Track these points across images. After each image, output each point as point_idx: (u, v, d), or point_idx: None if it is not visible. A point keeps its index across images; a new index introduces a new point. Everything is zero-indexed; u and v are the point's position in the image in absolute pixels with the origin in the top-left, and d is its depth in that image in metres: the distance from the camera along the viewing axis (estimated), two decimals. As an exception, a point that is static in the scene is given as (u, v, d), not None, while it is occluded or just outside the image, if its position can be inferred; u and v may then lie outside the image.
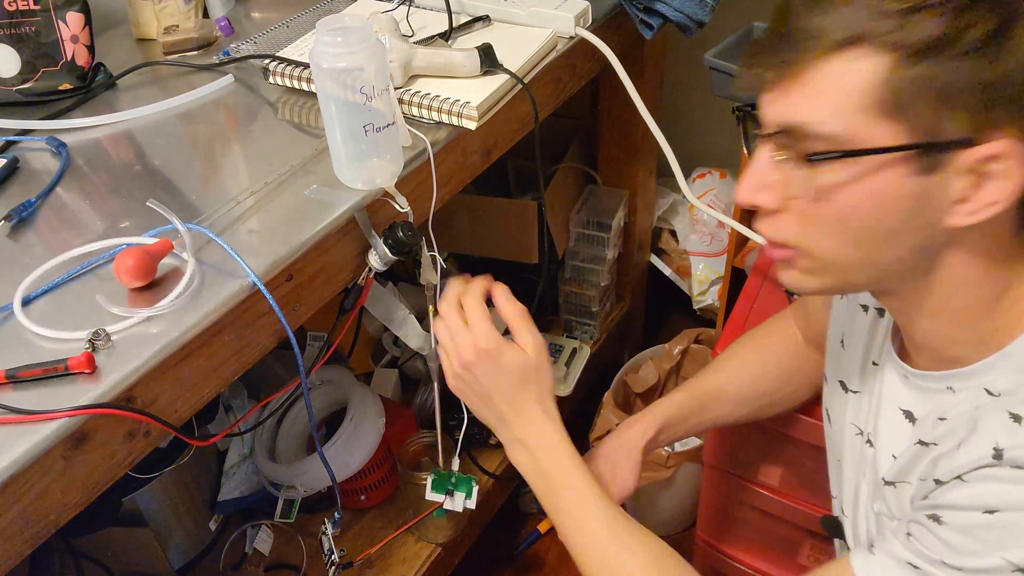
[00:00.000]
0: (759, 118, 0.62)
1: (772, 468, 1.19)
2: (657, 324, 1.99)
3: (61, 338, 0.69)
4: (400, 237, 0.86)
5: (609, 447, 0.97)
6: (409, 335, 1.04)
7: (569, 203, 1.60)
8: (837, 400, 0.85)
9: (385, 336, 1.59)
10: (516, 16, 1.11)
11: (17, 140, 0.98)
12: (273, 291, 0.76)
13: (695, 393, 1.01)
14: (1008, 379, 0.62)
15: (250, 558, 1.31)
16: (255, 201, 0.85)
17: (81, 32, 1.04)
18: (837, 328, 0.86)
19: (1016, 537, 0.56)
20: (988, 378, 0.63)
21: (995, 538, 0.57)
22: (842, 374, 0.84)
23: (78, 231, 0.83)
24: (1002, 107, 0.54)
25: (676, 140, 1.19)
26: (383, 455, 1.31)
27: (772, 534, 1.27)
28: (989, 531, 0.57)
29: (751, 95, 0.63)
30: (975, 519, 0.58)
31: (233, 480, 1.29)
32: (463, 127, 0.95)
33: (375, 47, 0.78)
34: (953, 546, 0.59)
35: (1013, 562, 0.56)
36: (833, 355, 0.87)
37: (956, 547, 0.59)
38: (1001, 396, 0.62)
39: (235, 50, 1.10)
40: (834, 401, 0.86)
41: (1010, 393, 0.61)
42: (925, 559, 0.61)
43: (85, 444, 0.65)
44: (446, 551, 1.31)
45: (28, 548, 0.64)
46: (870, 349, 0.80)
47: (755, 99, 0.63)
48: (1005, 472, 0.57)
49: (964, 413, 0.63)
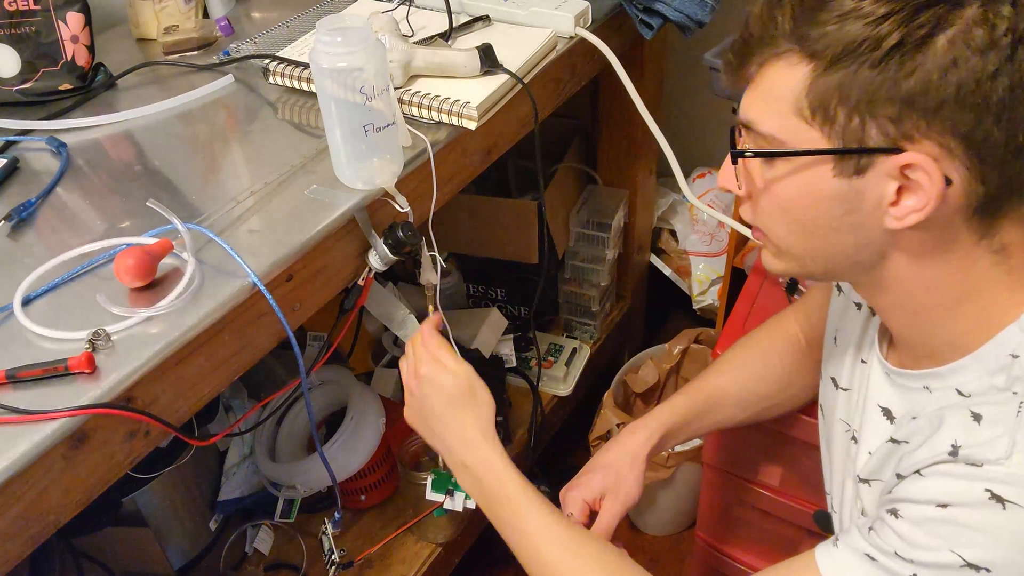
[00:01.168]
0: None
1: (772, 468, 1.19)
2: (657, 324, 1.99)
3: (61, 338, 0.69)
4: (400, 237, 0.86)
5: (613, 457, 0.97)
6: (409, 335, 1.04)
7: (569, 203, 1.60)
8: (829, 396, 0.86)
9: (385, 336, 1.59)
10: (516, 16, 1.11)
11: (17, 140, 0.98)
12: (273, 291, 0.76)
13: (697, 397, 1.01)
14: (979, 382, 0.63)
15: (250, 558, 1.31)
16: (255, 201, 0.85)
17: (81, 32, 1.04)
18: (832, 325, 0.88)
19: (967, 534, 0.57)
20: (960, 379, 0.65)
21: (947, 533, 0.58)
22: (833, 370, 0.85)
23: (78, 231, 0.83)
24: (918, 118, 0.56)
25: (676, 140, 1.19)
26: (383, 455, 1.31)
27: (772, 533, 1.27)
28: (941, 525, 0.59)
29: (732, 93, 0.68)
30: (927, 512, 0.59)
31: (233, 480, 1.29)
32: (463, 127, 0.95)
33: (375, 47, 0.78)
34: (907, 538, 0.61)
35: (964, 558, 0.57)
36: (827, 351, 0.88)
37: (909, 540, 0.60)
38: (970, 397, 0.63)
39: (235, 50, 1.10)
40: (827, 397, 0.87)
41: (978, 395, 0.63)
42: (881, 551, 0.62)
43: (85, 444, 0.65)
44: (446, 551, 1.31)
45: (28, 548, 0.64)
46: (860, 347, 0.81)
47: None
48: (959, 468, 0.59)
49: (932, 412, 0.65)
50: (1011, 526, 0.56)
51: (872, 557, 0.63)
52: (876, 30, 0.55)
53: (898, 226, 0.60)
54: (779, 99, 0.60)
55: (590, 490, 0.94)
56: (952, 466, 0.59)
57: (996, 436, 0.58)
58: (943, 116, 0.55)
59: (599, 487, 0.94)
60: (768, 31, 0.60)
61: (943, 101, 0.55)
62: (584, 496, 0.94)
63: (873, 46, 0.55)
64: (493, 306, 1.64)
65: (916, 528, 0.60)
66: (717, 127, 1.84)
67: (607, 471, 0.95)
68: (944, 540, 0.58)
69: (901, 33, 0.54)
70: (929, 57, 0.54)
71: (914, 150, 0.57)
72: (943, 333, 0.66)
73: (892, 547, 0.61)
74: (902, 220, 0.59)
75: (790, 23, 0.59)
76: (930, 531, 0.59)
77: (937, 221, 0.59)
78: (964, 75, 0.54)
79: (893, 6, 0.55)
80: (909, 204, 0.59)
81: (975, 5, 0.54)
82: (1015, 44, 0.54)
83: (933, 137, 0.56)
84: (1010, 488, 0.56)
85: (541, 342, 1.64)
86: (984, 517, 0.57)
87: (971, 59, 0.54)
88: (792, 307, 1.04)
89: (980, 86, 0.54)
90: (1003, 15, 0.54)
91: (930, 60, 0.54)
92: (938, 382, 0.67)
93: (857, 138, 0.58)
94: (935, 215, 0.58)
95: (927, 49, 0.54)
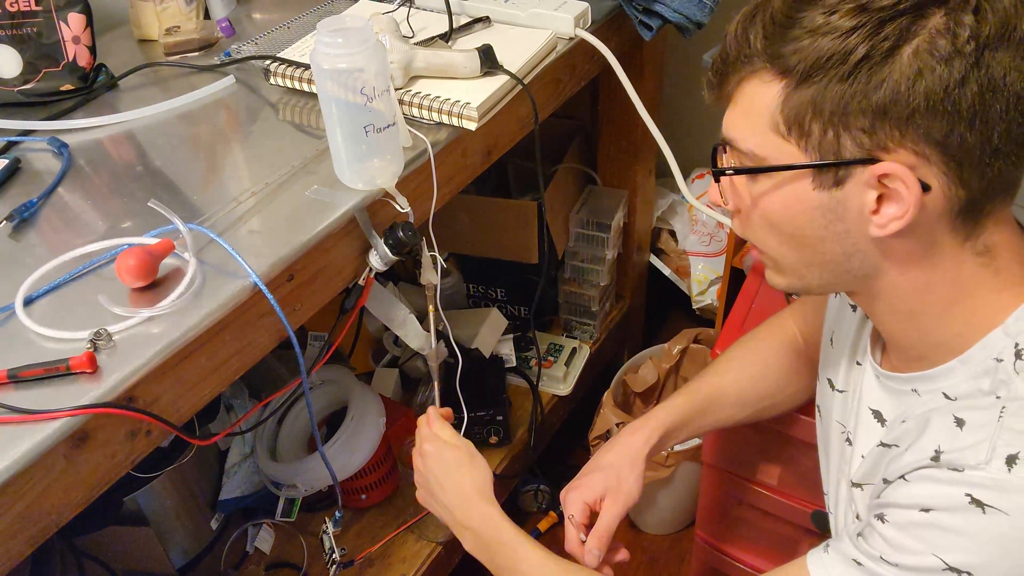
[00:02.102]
0: None
1: (771, 467, 1.20)
2: (656, 324, 1.99)
3: (63, 338, 0.69)
4: (400, 237, 0.86)
5: (613, 457, 0.97)
6: (409, 335, 1.05)
7: (569, 203, 1.60)
8: (826, 398, 0.87)
9: (385, 336, 1.59)
10: (516, 17, 1.11)
11: (19, 141, 0.98)
12: (274, 291, 0.76)
13: (697, 397, 1.01)
14: (965, 385, 0.64)
15: (251, 557, 1.31)
16: (256, 201, 0.85)
17: (83, 33, 1.04)
18: (828, 326, 0.88)
19: (948, 538, 0.58)
20: (948, 382, 0.65)
21: (930, 537, 0.59)
22: (830, 372, 0.86)
23: (80, 231, 0.83)
24: (891, 128, 0.57)
25: (675, 140, 1.19)
26: (383, 454, 1.31)
27: (771, 533, 1.27)
28: (925, 530, 0.59)
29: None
30: (912, 517, 0.60)
31: (234, 479, 1.30)
32: (463, 128, 0.95)
33: (376, 48, 0.78)
34: (892, 543, 0.61)
35: (946, 562, 0.58)
36: (824, 353, 0.88)
37: (894, 544, 0.61)
38: (956, 400, 0.64)
39: (236, 51, 1.11)
40: (824, 398, 0.88)
41: (964, 398, 0.63)
42: (868, 556, 0.63)
43: (87, 443, 0.65)
44: (446, 550, 1.32)
45: (30, 547, 0.65)
46: (855, 349, 0.81)
47: None
48: (941, 473, 0.59)
49: (919, 415, 0.65)
50: (992, 530, 0.56)
51: (859, 562, 0.64)
52: (843, 44, 0.56)
53: (881, 234, 0.60)
54: (756, 116, 0.62)
55: (591, 491, 0.94)
56: (934, 471, 0.60)
57: (978, 441, 0.59)
58: (915, 125, 0.56)
59: (600, 488, 0.94)
60: (743, 49, 0.62)
61: (913, 110, 0.55)
62: (585, 497, 0.94)
63: (841, 60, 0.56)
64: (493, 306, 1.64)
65: (901, 532, 0.61)
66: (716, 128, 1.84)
67: (607, 472, 0.95)
68: (927, 544, 0.59)
69: (868, 46, 0.55)
70: (896, 68, 0.55)
71: (889, 159, 0.57)
72: (933, 336, 0.66)
73: (878, 551, 0.62)
74: (885, 228, 0.60)
75: (762, 41, 0.60)
76: (914, 535, 0.60)
77: (921, 227, 0.60)
78: (931, 84, 0.55)
79: (859, 20, 0.55)
80: (890, 212, 0.59)
81: (939, 14, 0.55)
82: (979, 50, 0.54)
83: (908, 145, 0.57)
84: (990, 493, 0.57)
85: (541, 342, 1.64)
86: (965, 521, 0.57)
87: (936, 68, 0.54)
88: (790, 307, 1.04)
89: (948, 93, 0.55)
90: (964, 23, 0.54)
91: (897, 71, 0.55)
92: (926, 385, 0.68)
93: (833, 151, 0.59)
94: (917, 221, 0.59)
95: (893, 60, 0.55)
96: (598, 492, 0.94)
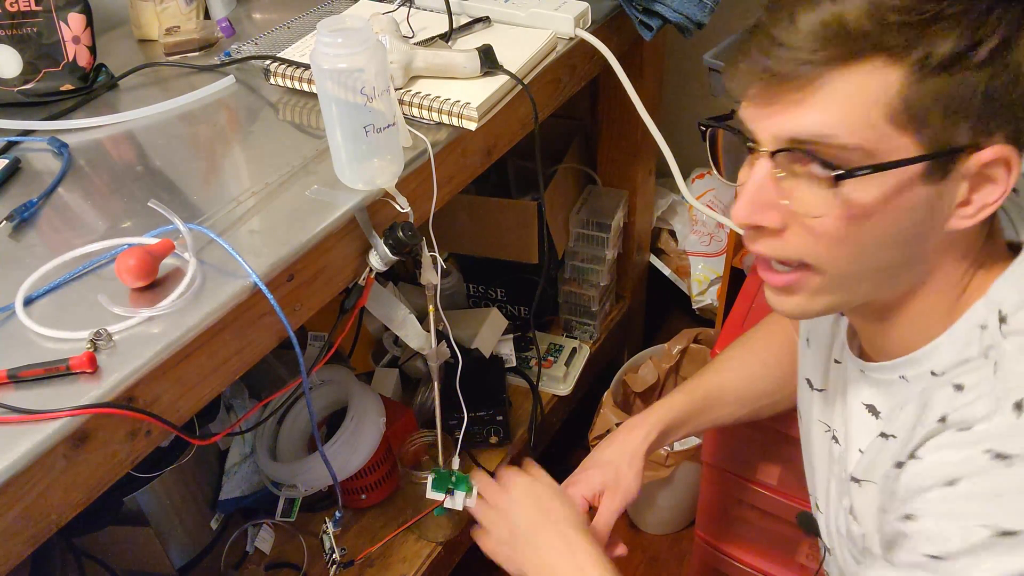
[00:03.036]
0: (750, 134, 0.61)
1: (770, 467, 1.20)
2: (656, 324, 1.99)
3: (63, 338, 0.69)
4: (400, 237, 0.86)
5: (611, 453, 0.97)
6: (409, 335, 1.05)
7: (569, 203, 1.60)
8: (805, 398, 0.86)
9: (386, 336, 1.59)
10: (516, 17, 1.11)
11: (19, 141, 0.98)
12: (274, 291, 0.76)
13: (696, 395, 1.01)
14: (949, 356, 0.63)
15: (251, 557, 1.31)
16: (256, 202, 0.85)
17: (83, 33, 1.04)
18: (803, 327, 0.88)
19: (987, 504, 0.55)
20: (934, 361, 0.64)
21: (968, 510, 0.56)
22: (808, 372, 0.85)
23: (80, 231, 0.83)
24: (1001, 114, 0.56)
25: (675, 141, 1.19)
26: (383, 454, 1.31)
27: (771, 532, 1.27)
28: (958, 504, 0.57)
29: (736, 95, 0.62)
30: (943, 495, 0.57)
31: (234, 479, 1.30)
32: (463, 128, 0.95)
33: (376, 48, 0.78)
34: (931, 535, 0.58)
35: (994, 528, 0.54)
36: (801, 354, 0.88)
37: (934, 536, 0.58)
38: (944, 373, 0.63)
39: (236, 51, 1.11)
40: (803, 399, 0.87)
41: (953, 367, 0.62)
42: (911, 565, 0.59)
43: (86, 444, 0.65)
44: (446, 550, 1.32)
45: (29, 547, 0.65)
46: (832, 347, 0.81)
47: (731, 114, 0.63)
48: (953, 436, 0.58)
49: (916, 397, 0.65)
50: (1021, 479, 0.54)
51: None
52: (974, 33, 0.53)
53: (967, 224, 0.59)
54: (860, 108, 0.55)
55: (589, 486, 0.95)
56: (944, 436, 0.59)
57: (979, 396, 0.58)
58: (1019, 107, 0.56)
59: (598, 483, 0.95)
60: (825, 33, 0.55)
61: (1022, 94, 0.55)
62: (583, 492, 0.94)
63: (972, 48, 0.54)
64: (493, 306, 1.64)
65: (939, 520, 0.58)
66: (716, 128, 1.84)
67: (606, 467, 0.96)
68: (969, 518, 0.56)
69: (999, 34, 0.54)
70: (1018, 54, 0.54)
71: (990, 144, 0.56)
72: (914, 325, 0.66)
73: (920, 551, 0.58)
74: (974, 217, 0.58)
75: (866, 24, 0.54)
76: (952, 515, 0.57)
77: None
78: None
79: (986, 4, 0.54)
80: (983, 199, 0.58)
81: None
82: None
83: (1005, 130, 0.56)
84: (1008, 441, 0.55)
85: (541, 342, 1.64)
86: (993, 479, 0.55)
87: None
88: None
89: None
90: None
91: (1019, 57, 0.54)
92: (913, 368, 0.66)
93: (945, 140, 0.56)
94: None
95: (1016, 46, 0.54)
96: (596, 487, 0.94)
